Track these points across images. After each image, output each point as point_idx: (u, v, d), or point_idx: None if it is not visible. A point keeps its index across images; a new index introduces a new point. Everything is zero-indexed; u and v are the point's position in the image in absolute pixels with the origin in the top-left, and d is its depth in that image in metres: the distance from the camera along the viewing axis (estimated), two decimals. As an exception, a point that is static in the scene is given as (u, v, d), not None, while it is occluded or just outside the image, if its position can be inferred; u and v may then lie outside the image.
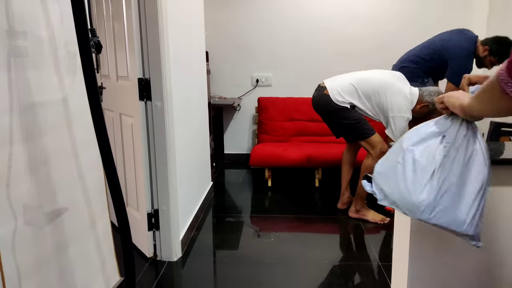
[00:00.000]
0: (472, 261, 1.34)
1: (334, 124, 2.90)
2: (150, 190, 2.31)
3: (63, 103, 1.14)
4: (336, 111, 2.76)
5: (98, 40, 1.26)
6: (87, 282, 1.23)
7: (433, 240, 1.33)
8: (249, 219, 2.95)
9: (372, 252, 2.43)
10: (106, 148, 1.07)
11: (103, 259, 1.33)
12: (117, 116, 2.51)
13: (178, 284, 2.14)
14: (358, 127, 2.76)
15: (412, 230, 1.33)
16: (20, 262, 0.95)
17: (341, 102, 2.73)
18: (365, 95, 2.71)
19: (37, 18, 1.05)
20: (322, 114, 2.90)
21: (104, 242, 1.35)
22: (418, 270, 1.35)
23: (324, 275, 2.19)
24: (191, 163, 2.77)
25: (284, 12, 4.18)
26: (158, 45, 2.12)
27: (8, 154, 0.93)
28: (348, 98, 2.73)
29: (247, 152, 4.47)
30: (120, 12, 2.20)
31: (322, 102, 2.81)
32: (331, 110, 2.78)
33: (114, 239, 1.59)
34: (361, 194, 2.89)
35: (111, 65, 2.47)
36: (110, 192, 1.13)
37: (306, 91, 4.23)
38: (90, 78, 1.02)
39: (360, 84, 2.73)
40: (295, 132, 4.10)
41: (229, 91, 4.37)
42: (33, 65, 1.04)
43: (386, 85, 2.69)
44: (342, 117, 2.76)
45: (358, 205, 2.92)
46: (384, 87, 2.68)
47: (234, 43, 4.27)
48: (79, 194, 1.21)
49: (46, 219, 1.06)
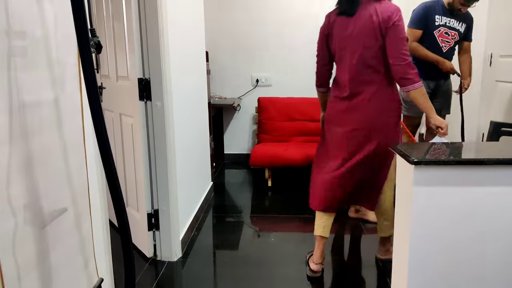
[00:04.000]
0: (472, 261, 1.34)
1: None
2: (150, 190, 2.31)
3: (55, 104, 1.15)
4: None
5: (98, 40, 1.26)
6: (72, 283, 1.24)
7: (433, 240, 1.33)
8: (249, 219, 2.95)
9: (372, 252, 2.43)
10: (106, 148, 1.07)
11: (86, 260, 1.34)
12: (117, 116, 2.51)
13: (178, 284, 2.14)
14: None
15: (412, 230, 1.33)
16: (8, 265, 0.95)
17: None
18: None
19: (34, 18, 1.05)
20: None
21: (88, 243, 1.36)
22: (418, 270, 1.35)
23: (324, 275, 2.19)
24: (191, 163, 2.77)
25: (284, 12, 4.18)
26: (158, 45, 2.12)
27: (7, 153, 0.93)
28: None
29: (247, 152, 4.46)
30: (120, 12, 2.20)
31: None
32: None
33: (113, 239, 1.59)
34: None
35: (111, 65, 2.47)
36: (110, 192, 1.12)
37: (306, 91, 4.23)
38: (90, 78, 1.02)
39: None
40: (295, 132, 4.10)
41: (229, 91, 4.37)
42: (32, 65, 1.04)
43: None
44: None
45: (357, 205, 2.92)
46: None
47: (234, 43, 4.27)
48: (66, 195, 1.21)
49: (36, 220, 1.06)
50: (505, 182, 1.28)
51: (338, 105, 2.07)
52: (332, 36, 2.05)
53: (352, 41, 1.97)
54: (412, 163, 1.28)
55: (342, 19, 2.00)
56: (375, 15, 1.89)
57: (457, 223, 1.32)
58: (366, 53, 1.94)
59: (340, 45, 2.02)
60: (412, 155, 1.30)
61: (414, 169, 1.28)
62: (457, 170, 1.28)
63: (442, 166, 1.28)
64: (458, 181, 1.29)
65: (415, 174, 1.29)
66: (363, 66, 1.96)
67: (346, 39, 1.98)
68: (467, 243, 1.33)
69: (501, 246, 1.32)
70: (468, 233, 1.32)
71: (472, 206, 1.30)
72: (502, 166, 1.27)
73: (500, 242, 1.32)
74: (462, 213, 1.31)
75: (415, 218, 1.32)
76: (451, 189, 1.30)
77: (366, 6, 1.93)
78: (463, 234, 1.32)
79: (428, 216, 1.32)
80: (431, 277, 1.35)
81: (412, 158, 1.28)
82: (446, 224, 1.32)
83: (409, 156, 1.30)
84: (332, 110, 2.12)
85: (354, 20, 1.95)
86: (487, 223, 1.31)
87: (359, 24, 1.94)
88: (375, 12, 1.90)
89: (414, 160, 1.27)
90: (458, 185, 1.29)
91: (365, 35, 1.93)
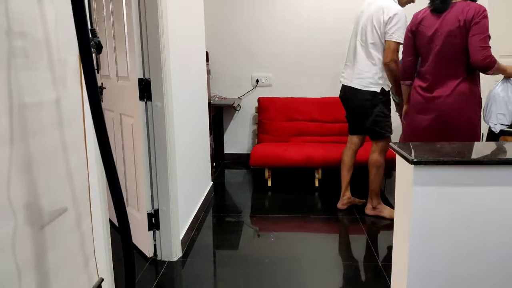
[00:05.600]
0: (473, 261, 1.34)
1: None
2: (150, 190, 2.31)
3: (56, 104, 1.15)
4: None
5: (99, 40, 1.26)
6: (72, 283, 1.24)
7: (433, 240, 1.33)
8: (249, 219, 2.95)
9: (372, 252, 2.43)
10: (106, 148, 1.07)
11: (86, 260, 1.34)
12: (117, 116, 2.51)
13: (178, 284, 2.14)
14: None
15: (412, 230, 1.33)
16: (8, 265, 0.95)
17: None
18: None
19: (34, 19, 1.05)
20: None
21: (89, 243, 1.36)
22: (418, 270, 1.35)
23: (324, 275, 2.19)
24: (191, 163, 2.77)
25: (285, 12, 4.18)
26: (158, 45, 2.12)
27: (7, 154, 0.93)
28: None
29: (247, 152, 4.47)
30: (120, 12, 2.20)
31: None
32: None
33: (114, 239, 1.59)
34: (375, 191, 2.89)
35: (111, 65, 2.47)
36: (110, 192, 1.13)
37: (306, 91, 4.23)
38: (90, 78, 1.02)
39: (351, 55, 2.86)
40: (295, 132, 4.11)
41: (229, 91, 4.38)
42: (32, 66, 1.04)
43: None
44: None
45: (374, 202, 2.92)
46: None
47: (234, 43, 4.28)
48: (67, 195, 1.21)
49: (36, 220, 1.06)
50: (505, 182, 1.28)
51: (422, 97, 2.31)
52: (419, 33, 2.32)
53: (438, 36, 2.21)
54: (412, 163, 1.28)
55: (431, 16, 2.26)
56: (461, 14, 2.13)
57: (456, 223, 1.32)
58: (448, 49, 2.18)
59: (427, 40, 2.27)
60: (411, 155, 1.30)
61: (414, 169, 1.29)
62: (457, 170, 1.29)
63: (442, 166, 1.28)
64: (458, 181, 1.29)
65: (415, 174, 1.29)
66: (447, 61, 2.21)
67: (433, 34, 2.23)
68: (466, 243, 1.33)
69: (500, 246, 1.33)
70: (468, 233, 1.32)
71: (472, 206, 1.31)
72: (502, 166, 1.28)
73: (500, 242, 1.32)
74: (461, 213, 1.31)
75: (414, 218, 1.32)
76: (450, 189, 1.30)
77: (455, 5, 2.19)
78: (463, 234, 1.32)
79: (428, 216, 1.32)
80: (430, 276, 1.36)
81: (412, 158, 1.28)
82: (446, 224, 1.32)
83: (408, 156, 1.30)
84: (416, 101, 2.35)
85: (443, 17, 2.20)
86: (487, 223, 1.31)
87: (447, 21, 2.18)
88: (462, 11, 2.13)
89: (414, 160, 1.27)
90: (458, 185, 1.29)
91: (451, 31, 2.17)
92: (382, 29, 2.65)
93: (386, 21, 2.61)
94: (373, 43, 2.70)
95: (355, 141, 2.99)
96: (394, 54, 2.62)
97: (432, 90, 2.27)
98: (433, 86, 2.27)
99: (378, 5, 2.67)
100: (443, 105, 2.23)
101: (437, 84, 2.25)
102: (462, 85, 2.20)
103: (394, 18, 2.59)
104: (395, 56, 2.63)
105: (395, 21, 2.59)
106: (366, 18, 2.73)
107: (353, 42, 2.85)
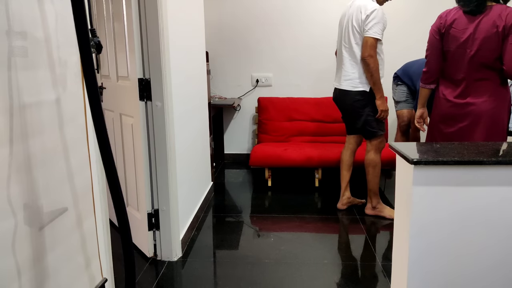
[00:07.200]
0: (473, 261, 1.34)
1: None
2: (150, 190, 2.31)
3: (56, 104, 1.15)
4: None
5: (99, 40, 1.26)
6: (72, 282, 1.24)
7: (433, 240, 1.33)
8: (249, 219, 2.95)
9: (372, 252, 2.43)
10: (106, 148, 1.07)
11: (88, 260, 1.34)
12: (117, 116, 2.51)
13: (178, 284, 2.14)
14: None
15: (412, 230, 1.33)
16: (7, 264, 0.95)
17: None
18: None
19: (34, 19, 1.05)
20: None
21: (90, 243, 1.36)
22: (418, 270, 1.36)
23: (324, 275, 2.19)
24: (191, 163, 2.78)
25: (285, 12, 4.18)
26: (158, 45, 2.12)
27: (7, 154, 0.93)
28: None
29: (247, 152, 4.47)
30: (120, 12, 2.20)
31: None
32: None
33: (114, 239, 1.59)
34: (374, 190, 2.90)
35: (111, 65, 2.47)
36: (110, 192, 1.12)
37: (306, 91, 4.23)
38: (90, 78, 1.02)
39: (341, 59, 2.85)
40: (295, 132, 4.11)
41: (229, 91, 4.38)
42: (33, 66, 1.04)
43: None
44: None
45: (374, 201, 2.92)
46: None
47: (234, 43, 4.28)
48: (67, 195, 1.21)
49: (36, 220, 1.06)
50: (505, 182, 1.28)
51: (453, 103, 2.22)
52: (450, 36, 2.19)
53: (472, 40, 2.10)
54: (411, 163, 1.28)
55: (464, 19, 2.12)
56: (499, 19, 2.02)
57: (456, 223, 1.32)
58: (484, 54, 2.09)
59: (459, 45, 2.15)
60: (411, 155, 1.30)
61: (414, 169, 1.29)
62: (456, 170, 1.29)
63: (441, 166, 1.28)
64: (458, 181, 1.29)
65: (415, 174, 1.29)
66: (482, 66, 2.12)
67: (466, 38, 2.11)
68: (466, 243, 1.33)
69: (500, 245, 1.33)
70: (468, 233, 1.32)
71: (472, 206, 1.31)
72: (502, 166, 1.28)
73: (500, 242, 1.32)
74: (461, 213, 1.31)
75: (414, 218, 1.32)
76: (450, 189, 1.30)
77: (491, 8, 2.05)
78: (463, 234, 1.32)
79: (427, 216, 1.32)
80: (430, 276, 1.36)
81: (412, 158, 1.28)
82: (446, 224, 1.32)
83: (408, 156, 1.30)
84: (443, 107, 2.27)
85: (478, 21, 2.07)
86: (487, 223, 1.31)
87: (482, 25, 2.06)
88: (499, 16, 2.02)
89: (413, 160, 1.27)
90: (458, 185, 1.29)
91: (487, 37, 2.05)
92: (362, 28, 2.66)
93: (364, 20, 2.63)
94: (356, 43, 2.72)
95: (352, 141, 3.00)
96: (371, 49, 2.61)
97: (465, 96, 2.19)
98: (466, 92, 2.18)
99: (356, 5, 2.69)
100: (479, 111, 2.16)
101: (470, 90, 2.18)
102: (496, 89, 2.14)
103: (371, 15, 2.59)
104: (372, 52, 2.62)
105: (372, 17, 2.59)
106: (347, 20, 2.76)
107: (339, 45, 2.89)
